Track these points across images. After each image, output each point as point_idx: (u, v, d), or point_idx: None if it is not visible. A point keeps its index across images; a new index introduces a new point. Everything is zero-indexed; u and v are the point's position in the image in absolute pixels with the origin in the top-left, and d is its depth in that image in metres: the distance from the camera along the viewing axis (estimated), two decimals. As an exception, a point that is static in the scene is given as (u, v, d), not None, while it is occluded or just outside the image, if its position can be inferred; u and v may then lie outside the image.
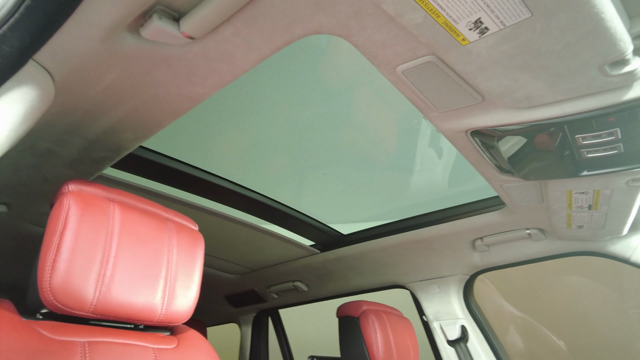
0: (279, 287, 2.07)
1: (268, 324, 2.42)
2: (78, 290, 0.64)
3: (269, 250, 1.79)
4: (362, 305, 1.49)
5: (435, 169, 1.84)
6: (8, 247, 1.49)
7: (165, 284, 0.75)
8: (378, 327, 1.41)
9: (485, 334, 1.74)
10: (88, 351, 0.64)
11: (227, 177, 1.35)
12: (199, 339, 0.84)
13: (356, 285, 1.92)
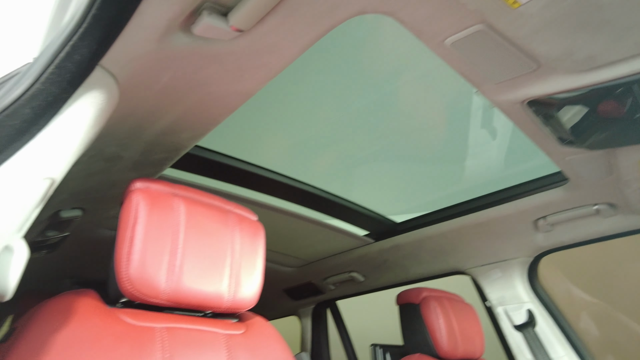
0: (335, 278, 2.08)
1: (327, 316, 2.44)
2: (152, 279, 0.69)
3: (324, 242, 1.81)
4: (423, 292, 1.47)
5: (490, 150, 1.77)
6: (85, 248, 1.62)
7: (231, 272, 0.78)
8: (440, 313, 1.38)
9: (555, 318, 1.66)
10: (166, 336, 0.69)
11: (279, 171, 1.38)
12: (266, 325, 0.87)
13: (414, 274, 1.90)
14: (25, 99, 0.53)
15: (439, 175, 1.85)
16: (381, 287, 2.08)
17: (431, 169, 1.89)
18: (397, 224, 1.72)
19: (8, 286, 0.47)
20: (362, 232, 1.77)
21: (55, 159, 0.56)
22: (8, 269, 0.47)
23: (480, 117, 1.83)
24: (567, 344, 1.61)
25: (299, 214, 1.54)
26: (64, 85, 0.56)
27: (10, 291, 0.48)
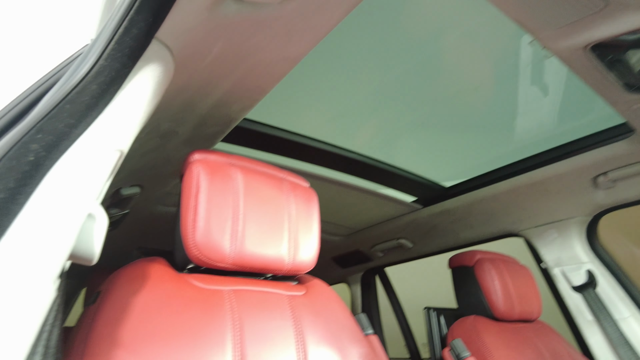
0: (383, 245, 2.09)
1: (376, 282, 2.47)
2: (217, 245, 0.72)
3: (371, 210, 1.81)
4: (476, 255, 1.45)
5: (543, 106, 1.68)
6: (144, 224, 1.71)
7: (289, 236, 0.80)
8: (495, 275, 1.36)
9: (618, 278, 1.59)
10: (234, 298, 0.72)
11: (325, 140, 1.38)
12: (325, 286, 0.89)
13: (465, 239, 1.87)
14: (92, 75, 0.56)
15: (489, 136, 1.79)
16: (430, 253, 2.07)
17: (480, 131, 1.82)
18: (447, 188, 1.69)
19: (94, 251, 0.51)
20: (411, 199, 1.75)
21: (122, 132, 0.58)
22: (92, 234, 0.50)
23: (529, 73, 1.73)
24: (632, 304, 1.55)
25: (346, 182, 1.54)
26: (124, 60, 0.58)
27: (97, 255, 0.51)
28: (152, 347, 0.58)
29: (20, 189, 0.42)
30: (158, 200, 1.57)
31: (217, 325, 0.66)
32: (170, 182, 1.39)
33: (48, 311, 0.42)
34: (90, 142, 0.52)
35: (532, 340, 1.32)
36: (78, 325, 0.64)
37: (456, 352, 1.20)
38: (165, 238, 1.90)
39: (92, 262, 0.52)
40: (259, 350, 0.67)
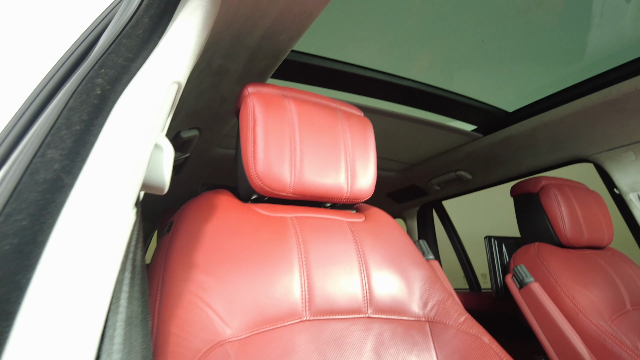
0: (440, 178, 2.05)
1: (433, 216, 2.46)
2: (277, 174, 0.73)
3: (428, 142, 1.76)
4: (541, 181, 1.38)
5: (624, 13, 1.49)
6: (204, 167, 1.79)
7: (346, 165, 0.80)
8: (562, 200, 1.30)
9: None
10: (297, 224, 0.75)
11: (375, 68, 1.32)
12: (383, 214, 0.90)
13: (528, 167, 1.78)
14: (143, 9, 0.56)
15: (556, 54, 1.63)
16: (490, 184, 2.00)
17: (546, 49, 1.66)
18: (509, 113, 1.58)
19: (164, 180, 0.53)
20: (470, 127, 1.67)
21: (178, 64, 0.59)
22: (161, 164, 0.53)
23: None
24: None
25: (401, 113, 1.49)
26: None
27: (167, 184, 0.54)
28: (227, 268, 0.63)
29: (93, 121, 0.45)
30: (217, 143, 1.62)
31: (284, 248, 0.69)
32: (228, 123, 1.42)
33: (131, 232, 0.45)
34: (149, 74, 0.53)
35: (601, 266, 1.27)
36: (155, 254, 0.69)
37: (519, 278, 1.18)
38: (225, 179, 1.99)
39: (163, 190, 0.55)
40: (324, 271, 0.70)
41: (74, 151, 0.40)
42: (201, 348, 0.53)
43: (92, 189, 0.40)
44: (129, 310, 0.46)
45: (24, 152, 0.39)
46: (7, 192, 0.34)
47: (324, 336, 0.65)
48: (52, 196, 0.36)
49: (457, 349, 0.72)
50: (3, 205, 0.33)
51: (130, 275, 0.49)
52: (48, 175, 0.37)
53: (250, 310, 0.61)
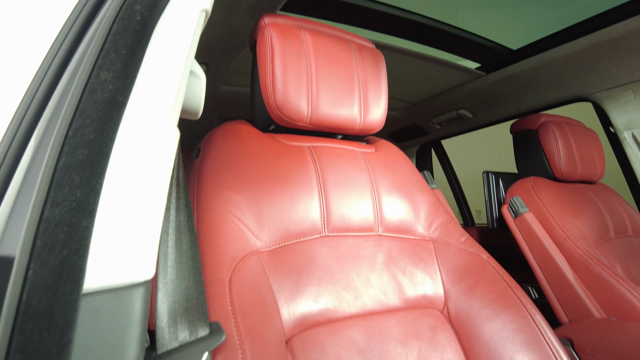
0: (441, 117, 2.09)
1: (431, 155, 2.52)
2: (296, 105, 0.77)
3: (430, 80, 1.77)
4: (541, 118, 1.42)
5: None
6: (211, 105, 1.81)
7: (360, 97, 0.84)
8: (559, 136, 1.36)
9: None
10: (314, 152, 0.80)
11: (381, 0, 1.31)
12: (392, 145, 0.95)
13: (528, 106, 1.81)
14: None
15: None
16: (490, 123, 2.05)
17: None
18: (513, 51, 1.59)
19: (200, 104, 0.58)
20: (474, 65, 1.68)
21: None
22: (197, 89, 0.57)
23: None
24: None
25: (405, 49, 1.49)
26: None
27: (201, 109, 0.59)
28: (254, 189, 0.69)
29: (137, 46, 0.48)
30: (222, 79, 1.63)
31: (304, 173, 0.75)
32: (234, 58, 1.43)
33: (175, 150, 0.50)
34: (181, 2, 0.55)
35: (591, 198, 1.35)
36: (187, 177, 0.75)
37: (514, 208, 1.27)
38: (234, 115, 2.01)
39: (197, 115, 0.59)
40: (340, 194, 0.77)
41: (124, 73, 0.44)
42: (237, 255, 0.60)
43: (143, 108, 0.44)
44: (177, 219, 0.53)
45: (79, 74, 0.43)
46: (72, 109, 0.38)
47: (341, 250, 0.72)
48: (110, 114, 0.40)
49: (458, 265, 0.80)
50: (70, 120, 0.38)
51: (176, 189, 0.55)
52: (104, 95, 0.41)
53: (276, 227, 0.68)
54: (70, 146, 0.37)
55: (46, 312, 0.31)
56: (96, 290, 0.37)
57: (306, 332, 0.62)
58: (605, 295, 1.04)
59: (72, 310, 0.34)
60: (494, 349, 0.69)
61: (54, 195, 0.35)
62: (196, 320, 0.46)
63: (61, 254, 0.33)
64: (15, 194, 0.41)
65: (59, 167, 0.36)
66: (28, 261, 0.32)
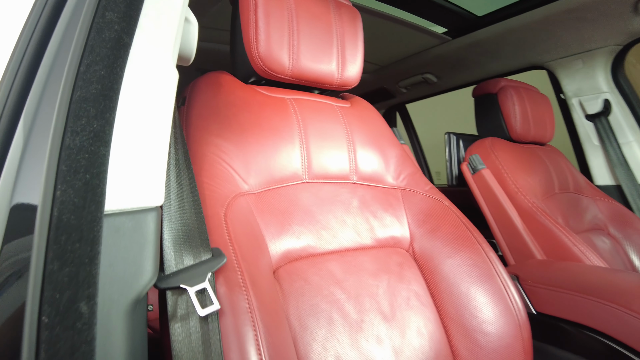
0: (408, 81, 2.15)
1: (396, 119, 2.61)
2: (278, 57, 0.81)
3: (398, 43, 1.82)
4: (501, 82, 1.52)
5: None
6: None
7: (338, 53, 0.88)
8: (516, 100, 1.46)
9: (632, 107, 1.68)
10: (295, 104, 0.84)
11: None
12: (365, 102, 1.01)
13: (490, 72, 1.91)
14: None
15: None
16: (454, 87, 2.14)
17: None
18: (479, 17, 1.66)
19: (193, 50, 0.60)
20: (441, 30, 1.74)
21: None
22: (191, 36, 0.59)
23: None
24: (638, 130, 1.67)
25: (373, 9, 1.51)
26: None
27: (193, 55, 0.61)
28: (240, 136, 0.73)
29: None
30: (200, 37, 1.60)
31: (286, 124, 0.80)
32: (207, 12, 1.41)
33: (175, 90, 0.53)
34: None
35: (540, 158, 1.49)
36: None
37: (473, 165, 1.38)
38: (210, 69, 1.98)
39: (190, 60, 0.62)
40: (319, 145, 0.82)
41: (128, 14, 0.47)
42: (228, 195, 0.65)
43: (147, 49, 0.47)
44: (177, 156, 0.57)
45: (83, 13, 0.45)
46: (81, 46, 0.41)
47: (320, 195, 0.79)
48: (118, 52, 0.43)
49: (422, 210, 0.89)
50: (80, 56, 0.41)
51: (173, 129, 0.58)
52: (111, 35, 0.44)
53: (262, 172, 0.73)
54: (83, 81, 0.40)
55: (76, 227, 0.35)
56: (115, 212, 0.41)
57: (291, 265, 0.68)
58: (547, 240, 1.18)
59: (98, 227, 0.38)
60: (452, 281, 0.79)
61: (73, 125, 0.38)
62: (199, 246, 0.51)
63: (84, 177, 0.37)
64: (29, 126, 0.44)
65: (74, 99, 0.39)
66: (54, 183, 0.35)
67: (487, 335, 0.75)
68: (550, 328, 0.90)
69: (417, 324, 0.73)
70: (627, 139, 1.66)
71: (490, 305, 0.76)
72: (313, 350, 0.61)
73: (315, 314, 0.65)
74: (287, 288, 0.65)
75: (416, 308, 0.75)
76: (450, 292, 0.78)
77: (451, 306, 0.77)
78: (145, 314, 0.45)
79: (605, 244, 1.42)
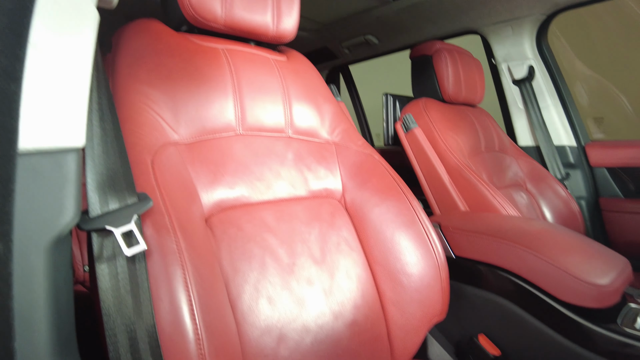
0: (350, 42, 2.16)
1: (340, 79, 2.63)
2: (209, 4, 0.78)
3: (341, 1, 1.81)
4: (436, 44, 1.57)
5: None
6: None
7: (273, 3, 0.87)
8: (450, 62, 1.52)
9: (552, 74, 1.81)
10: (228, 55, 0.83)
11: None
12: (302, 56, 1.01)
13: (427, 35, 1.96)
14: None
15: None
16: (393, 50, 2.18)
17: None
18: (419, -20, 1.68)
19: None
20: (382, -10, 1.75)
21: None
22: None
23: None
24: (555, 95, 1.81)
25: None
26: None
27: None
28: (170, 84, 0.71)
29: None
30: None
31: (219, 74, 0.79)
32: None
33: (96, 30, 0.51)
34: None
35: (470, 118, 1.58)
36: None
37: (406, 124, 1.44)
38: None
39: (112, 3, 0.59)
40: (253, 97, 0.82)
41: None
42: (156, 143, 0.64)
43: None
44: (100, 101, 0.55)
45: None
46: None
47: (255, 146, 0.80)
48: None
49: (354, 163, 0.93)
50: None
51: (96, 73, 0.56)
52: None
53: (193, 122, 0.73)
54: (-12, 13, 0.38)
55: (-14, 163, 0.35)
56: (31, 151, 0.40)
57: (224, 213, 0.70)
58: (471, 194, 1.28)
59: (11, 165, 0.37)
60: (379, 227, 0.84)
61: (-23, 59, 0.36)
62: (124, 190, 0.51)
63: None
64: None
65: (-22, 33, 0.37)
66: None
67: (409, 276, 0.82)
68: (467, 270, 0.99)
69: (345, 267, 0.79)
70: (546, 103, 1.80)
71: (413, 249, 0.83)
72: (245, 292, 0.65)
73: (248, 258, 0.68)
74: (219, 235, 0.67)
75: (345, 252, 0.80)
76: (377, 237, 0.84)
77: (377, 250, 0.83)
78: (70, 256, 0.45)
79: (522, 199, 1.56)
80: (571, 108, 1.81)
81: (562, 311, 0.81)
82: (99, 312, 0.46)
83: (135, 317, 0.46)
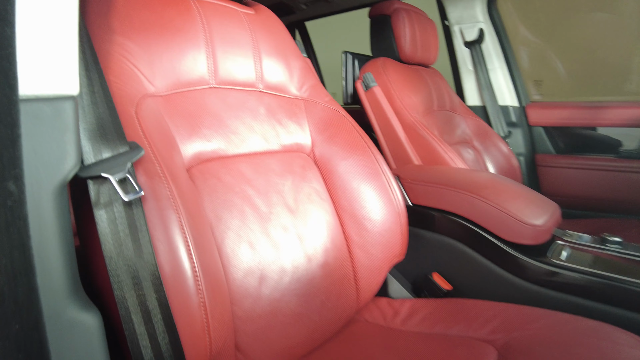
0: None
1: (296, 35, 2.60)
2: (179, -46, 0.77)
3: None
4: (395, 3, 1.61)
5: None
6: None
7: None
8: (407, 23, 1.57)
9: (500, 38, 1.92)
10: (199, 6, 0.82)
11: None
12: (270, 11, 1.01)
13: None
14: None
15: None
16: (350, 8, 2.18)
17: None
18: None
19: None
20: (341, -57, 1.73)
21: None
22: None
23: None
24: (502, 58, 1.93)
25: None
26: None
27: None
28: (144, 36, 0.70)
29: None
30: None
31: (191, 26, 0.78)
32: None
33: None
34: None
35: (424, 78, 1.66)
36: None
37: (366, 83, 1.49)
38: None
39: None
40: (225, 50, 0.83)
41: None
42: (136, 95, 0.65)
43: None
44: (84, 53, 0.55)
45: None
46: None
47: (228, 100, 0.82)
48: None
49: (322, 119, 0.97)
50: None
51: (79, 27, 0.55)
52: None
53: (168, 74, 0.73)
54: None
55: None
56: (31, 97, 0.41)
57: (203, 165, 0.73)
58: (424, 149, 1.37)
59: (15, 110, 0.38)
60: (346, 179, 0.91)
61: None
62: (116, 139, 0.52)
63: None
64: None
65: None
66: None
67: (373, 222, 0.90)
68: (423, 216, 1.10)
69: (316, 215, 0.85)
70: (493, 65, 1.92)
71: (376, 198, 0.91)
72: (228, 237, 0.69)
73: (229, 207, 0.72)
74: (200, 185, 0.70)
75: (316, 202, 0.86)
76: (344, 188, 0.90)
77: (345, 200, 0.90)
78: (67, 201, 0.47)
79: (469, 154, 1.69)
80: (515, 71, 1.95)
81: (504, 248, 0.94)
82: (100, 255, 0.48)
83: (136, 259, 0.49)
